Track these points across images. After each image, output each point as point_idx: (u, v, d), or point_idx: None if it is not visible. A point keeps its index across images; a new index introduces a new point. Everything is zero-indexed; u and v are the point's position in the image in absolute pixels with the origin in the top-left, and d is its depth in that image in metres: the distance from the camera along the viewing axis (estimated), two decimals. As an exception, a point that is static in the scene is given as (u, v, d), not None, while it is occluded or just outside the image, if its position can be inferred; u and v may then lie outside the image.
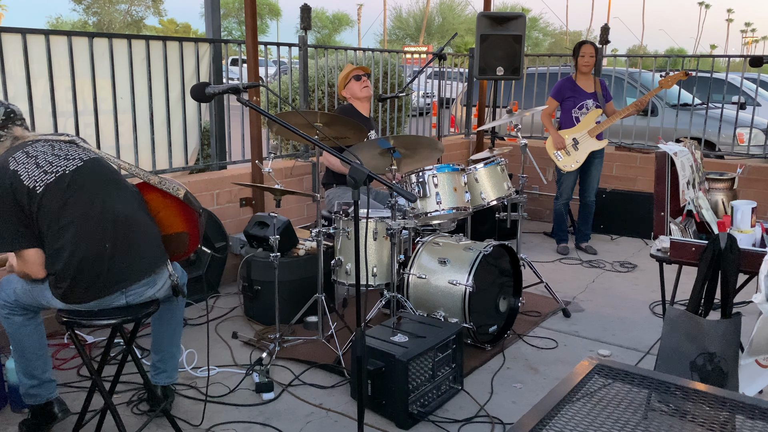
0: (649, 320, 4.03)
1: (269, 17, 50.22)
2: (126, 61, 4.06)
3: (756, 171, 5.57)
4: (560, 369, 3.35)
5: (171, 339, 2.85)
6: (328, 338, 3.55)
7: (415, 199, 2.45)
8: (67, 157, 2.37)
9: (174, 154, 4.39)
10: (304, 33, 5.01)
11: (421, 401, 2.85)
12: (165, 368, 2.86)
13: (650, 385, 1.47)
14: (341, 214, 3.49)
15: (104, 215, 2.36)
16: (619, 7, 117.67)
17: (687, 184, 2.99)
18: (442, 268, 3.45)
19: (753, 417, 1.33)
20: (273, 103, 5.60)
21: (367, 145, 3.43)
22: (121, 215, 2.40)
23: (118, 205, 2.41)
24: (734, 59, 6.45)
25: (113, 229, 2.37)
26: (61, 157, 2.36)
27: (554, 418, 1.32)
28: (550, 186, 6.26)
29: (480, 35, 5.80)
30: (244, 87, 2.43)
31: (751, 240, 2.75)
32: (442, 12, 47.82)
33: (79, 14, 44.74)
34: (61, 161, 2.35)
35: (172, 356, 2.87)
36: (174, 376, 2.90)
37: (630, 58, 10.42)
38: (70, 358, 3.37)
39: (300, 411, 2.91)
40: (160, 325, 2.82)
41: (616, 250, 5.57)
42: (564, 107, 5.27)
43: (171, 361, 2.87)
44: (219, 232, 4.21)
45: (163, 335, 2.83)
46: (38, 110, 3.70)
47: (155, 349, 2.85)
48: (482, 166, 3.86)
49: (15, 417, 2.82)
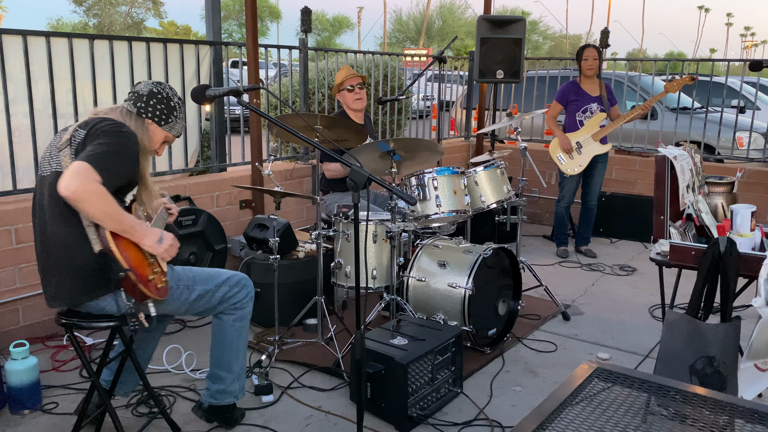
0: (649, 324, 4.03)
1: (269, 19, 50.28)
2: (126, 63, 4.06)
3: (755, 175, 5.58)
4: (559, 372, 3.35)
5: (216, 355, 2.72)
6: (327, 341, 3.55)
7: (414, 201, 2.44)
8: (50, 158, 2.30)
9: (174, 156, 4.40)
10: (305, 36, 5.02)
11: (421, 404, 2.84)
12: (208, 386, 2.75)
13: (650, 389, 1.47)
14: (341, 217, 3.49)
15: (35, 233, 2.33)
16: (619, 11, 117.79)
17: (687, 187, 2.99)
18: (442, 270, 3.45)
19: (752, 421, 1.33)
20: (273, 106, 5.61)
21: (367, 148, 3.43)
22: (44, 237, 2.28)
23: (48, 227, 2.26)
24: (734, 63, 6.46)
25: (39, 249, 2.31)
26: (46, 158, 2.32)
27: (554, 421, 1.32)
28: (549, 189, 6.27)
29: (480, 38, 5.81)
30: (245, 89, 2.43)
31: (750, 244, 2.75)
32: (442, 15, 47.91)
33: (80, 16, 44.81)
34: (45, 162, 2.31)
35: (215, 375, 2.73)
36: (218, 397, 2.72)
37: (630, 61, 10.43)
38: (69, 360, 3.37)
39: (299, 413, 2.91)
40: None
41: (615, 254, 5.57)
42: (568, 111, 5.27)
43: (212, 380, 2.74)
44: (219, 234, 4.21)
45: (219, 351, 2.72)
46: (39, 112, 3.70)
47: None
48: (482, 169, 3.86)
49: (14, 419, 2.82)
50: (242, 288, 2.68)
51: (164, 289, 2.34)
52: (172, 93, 2.49)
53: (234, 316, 2.69)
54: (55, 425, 2.78)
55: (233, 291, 2.65)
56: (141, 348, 2.76)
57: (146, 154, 2.40)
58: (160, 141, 2.49)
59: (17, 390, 2.84)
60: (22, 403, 2.85)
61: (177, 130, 2.52)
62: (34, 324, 3.60)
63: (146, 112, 2.41)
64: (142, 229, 2.24)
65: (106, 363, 2.53)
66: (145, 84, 2.45)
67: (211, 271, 2.67)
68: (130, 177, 2.31)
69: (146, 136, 2.41)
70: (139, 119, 2.40)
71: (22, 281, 3.53)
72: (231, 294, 2.64)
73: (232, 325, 2.69)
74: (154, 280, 2.27)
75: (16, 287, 3.52)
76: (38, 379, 2.91)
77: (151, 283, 2.24)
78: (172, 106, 2.46)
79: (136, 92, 2.43)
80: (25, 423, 2.80)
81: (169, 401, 2.97)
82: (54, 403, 2.94)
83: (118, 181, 2.24)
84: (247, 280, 2.72)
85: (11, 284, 3.50)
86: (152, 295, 2.24)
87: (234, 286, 2.65)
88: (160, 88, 2.44)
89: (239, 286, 2.67)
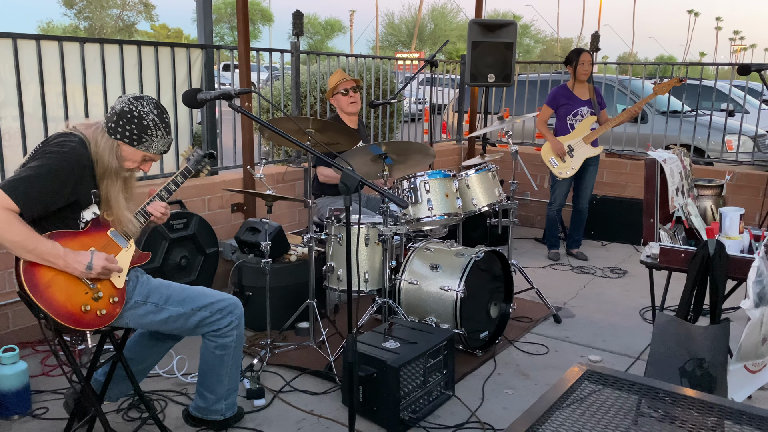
0: (639, 326, 4.05)
1: (261, 23, 50.27)
2: (117, 66, 4.05)
3: (744, 178, 5.62)
4: (551, 374, 3.36)
5: (201, 374, 2.67)
6: (319, 344, 3.54)
7: (406, 205, 2.46)
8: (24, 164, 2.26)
9: (165, 159, 4.38)
10: (297, 39, 5.02)
11: (413, 407, 2.85)
12: (195, 398, 2.72)
13: (640, 391, 1.48)
14: (333, 220, 3.49)
15: None
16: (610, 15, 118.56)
17: (676, 190, 3.02)
18: (434, 273, 3.46)
19: (741, 422, 1.34)
20: (265, 109, 5.61)
21: (359, 151, 3.44)
22: None
23: None
24: (723, 67, 6.52)
25: None
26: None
27: (544, 423, 1.33)
28: (540, 192, 6.29)
29: (471, 42, 5.83)
30: (236, 93, 2.43)
31: (739, 246, 2.78)
32: (434, 19, 48.06)
33: (71, 19, 44.66)
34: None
35: (200, 391, 2.68)
36: (202, 412, 2.67)
37: (620, 65, 10.49)
38: (59, 365, 3.34)
39: (291, 417, 2.90)
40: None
41: (606, 256, 5.60)
42: (559, 114, 5.29)
43: (198, 394, 2.69)
44: (210, 237, 4.20)
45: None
46: (29, 115, 3.68)
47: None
48: (474, 172, 3.88)
49: (4, 424, 2.80)
50: (226, 315, 2.53)
51: (109, 314, 2.27)
52: (149, 109, 2.30)
53: (214, 344, 2.56)
54: (45, 430, 2.76)
55: (214, 318, 2.50)
56: (139, 359, 2.69)
57: (112, 174, 2.30)
58: (138, 160, 2.37)
59: (7, 395, 2.82)
60: (12, 408, 2.83)
61: (156, 149, 2.36)
62: (23, 328, 3.57)
63: (116, 133, 2.29)
64: (65, 257, 2.14)
65: (95, 368, 2.52)
66: (122, 100, 2.31)
67: (194, 292, 2.52)
68: (70, 199, 2.21)
69: (116, 156, 2.29)
70: (110, 139, 2.29)
71: (12, 286, 3.51)
72: (211, 320, 2.50)
73: (212, 352, 2.58)
74: (91, 311, 2.21)
75: (5, 291, 3.49)
76: (28, 383, 2.89)
77: (85, 316, 2.19)
78: (144, 125, 2.29)
79: (113, 108, 2.31)
80: (15, 428, 2.78)
81: (160, 405, 2.96)
82: (44, 408, 2.92)
83: (47, 206, 2.15)
84: (234, 307, 2.56)
85: (1, 289, 3.48)
86: (84, 329, 2.19)
87: (216, 312, 2.50)
88: (133, 106, 2.28)
89: (223, 313, 2.52)
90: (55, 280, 2.16)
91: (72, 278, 2.19)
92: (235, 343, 2.60)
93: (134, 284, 2.42)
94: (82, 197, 2.27)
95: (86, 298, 2.21)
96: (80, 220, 2.29)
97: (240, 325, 2.60)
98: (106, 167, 2.29)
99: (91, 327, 2.20)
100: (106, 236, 2.33)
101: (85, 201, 2.29)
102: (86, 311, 2.20)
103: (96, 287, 2.25)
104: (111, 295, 2.29)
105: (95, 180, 2.31)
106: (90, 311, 2.21)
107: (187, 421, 2.75)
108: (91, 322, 2.21)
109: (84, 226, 2.29)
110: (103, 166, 2.29)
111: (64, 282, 2.18)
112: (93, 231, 2.30)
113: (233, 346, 2.59)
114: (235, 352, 2.62)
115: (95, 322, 2.22)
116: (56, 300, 2.14)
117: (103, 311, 2.24)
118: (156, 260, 3.81)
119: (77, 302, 2.19)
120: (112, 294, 2.29)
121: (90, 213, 2.31)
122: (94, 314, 2.22)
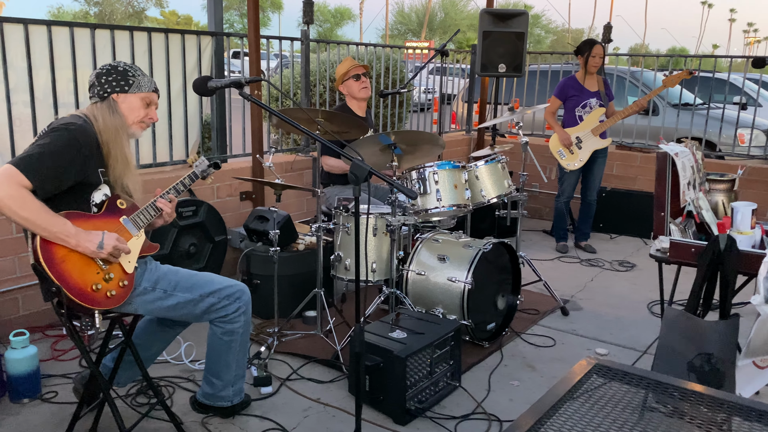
0: (647, 320, 4.04)
1: (271, 10, 50.14)
2: (128, 53, 4.05)
3: (756, 172, 5.57)
4: (557, 367, 3.36)
5: (208, 360, 2.69)
6: (326, 333, 3.56)
7: (415, 195, 2.44)
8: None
9: (175, 147, 4.39)
10: (306, 27, 5.00)
11: (419, 397, 2.85)
12: (202, 385, 2.74)
13: (648, 386, 1.47)
14: (341, 210, 3.49)
15: None
16: (622, 6, 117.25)
17: (687, 184, 2.99)
18: (442, 265, 3.46)
19: (750, 419, 1.33)
20: (274, 97, 5.61)
21: (368, 141, 3.43)
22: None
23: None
24: (736, 59, 6.44)
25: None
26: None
27: (552, 417, 1.33)
28: (550, 184, 6.27)
29: (482, 32, 5.79)
30: (247, 81, 2.42)
31: (750, 241, 2.75)
32: (445, 8, 47.77)
33: (81, 4, 44.72)
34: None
35: (207, 378, 2.71)
36: (209, 399, 2.71)
37: (632, 57, 10.40)
38: (69, 349, 3.37)
39: (298, 405, 2.92)
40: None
41: (615, 249, 5.57)
42: (567, 106, 5.26)
43: (205, 381, 2.72)
44: (219, 225, 4.21)
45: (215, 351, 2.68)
46: (39, 101, 3.69)
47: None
48: (483, 163, 3.86)
49: (14, 408, 2.83)
50: (234, 301, 2.55)
51: (119, 296, 2.29)
52: (116, 62, 2.42)
53: (222, 330, 2.58)
54: (54, 414, 2.79)
55: (222, 303, 2.53)
56: (146, 345, 2.70)
57: (119, 132, 2.34)
58: (142, 106, 2.42)
59: (17, 379, 2.85)
60: (22, 392, 2.87)
61: (146, 85, 2.43)
62: (34, 313, 3.60)
63: (105, 91, 2.35)
64: (77, 236, 2.16)
65: (105, 353, 2.54)
66: (91, 74, 2.41)
67: (202, 278, 2.55)
68: (80, 176, 2.24)
69: (117, 113, 2.36)
70: (105, 102, 2.35)
71: (22, 270, 3.54)
72: (219, 306, 2.53)
73: (219, 338, 2.60)
74: (101, 290, 2.23)
75: (16, 276, 3.52)
76: (38, 368, 2.92)
77: (95, 295, 2.21)
78: (122, 71, 2.38)
79: (90, 83, 2.39)
80: (25, 412, 2.81)
81: (168, 392, 2.98)
82: (53, 392, 2.95)
83: (59, 182, 2.18)
84: (242, 293, 2.59)
85: (11, 273, 3.51)
86: (93, 307, 2.20)
87: (224, 299, 2.53)
88: (100, 69, 2.39)
89: (230, 299, 2.54)
90: (69, 257, 2.18)
91: (85, 257, 2.22)
92: (242, 329, 2.62)
93: (143, 270, 2.44)
94: (92, 176, 2.29)
95: (97, 278, 2.24)
96: (91, 202, 2.31)
97: (247, 311, 2.62)
98: (111, 129, 2.33)
99: (100, 306, 2.23)
100: (118, 222, 2.35)
101: (94, 180, 2.31)
102: (97, 290, 2.22)
103: (107, 268, 2.28)
104: (121, 278, 2.31)
105: (103, 159, 2.33)
106: (100, 290, 2.24)
107: (195, 408, 2.77)
108: (101, 301, 2.23)
109: (96, 210, 2.31)
110: (108, 132, 2.32)
111: (78, 259, 2.20)
112: (106, 216, 2.33)
113: (240, 332, 2.62)
114: (242, 338, 2.64)
115: (105, 302, 2.24)
116: (69, 275, 2.17)
117: (112, 292, 2.27)
118: (165, 247, 3.82)
119: (89, 280, 2.21)
120: (121, 278, 2.31)
121: (101, 194, 2.33)
122: (104, 294, 2.25)
